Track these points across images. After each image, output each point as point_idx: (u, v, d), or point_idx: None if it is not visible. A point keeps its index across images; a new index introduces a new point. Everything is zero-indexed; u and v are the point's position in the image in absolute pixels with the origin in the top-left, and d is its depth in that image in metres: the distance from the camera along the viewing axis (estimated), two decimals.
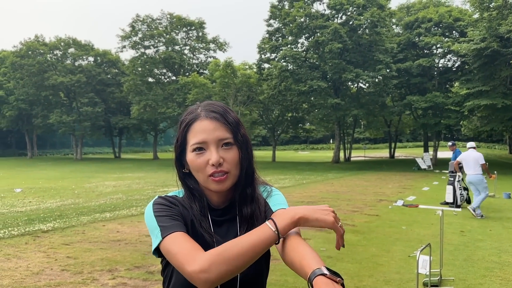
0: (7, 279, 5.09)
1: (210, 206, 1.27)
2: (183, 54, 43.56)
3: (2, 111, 46.68)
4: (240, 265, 1.02)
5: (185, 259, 1.03)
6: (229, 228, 1.26)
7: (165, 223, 1.14)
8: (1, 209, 10.99)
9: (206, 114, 1.20)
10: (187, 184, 1.27)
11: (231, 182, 1.20)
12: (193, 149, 1.19)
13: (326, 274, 0.90)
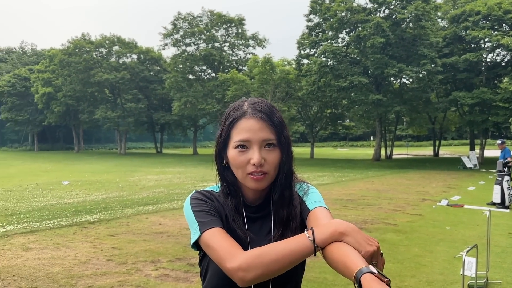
0: (57, 267, 5.36)
1: (245, 202, 1.29)
2: (222, 51, 43.98)
3: (51, 106, 48.85)
4: (275, 270, 1.05)
5: (225, 256, 1.08)
6: (263, 225, 1.27)
7: (203, 219, 1.19)
8: (51, 201, 11.56)
9: (253, 112, 1.21)
10: (225, 178, 1.29)
11: (267, 182, 1.22)
12: (236, 145, 1.20)
13: (374, 272, 0.90)
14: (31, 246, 6.41)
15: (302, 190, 1.31)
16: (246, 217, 1.27)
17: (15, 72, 55.87)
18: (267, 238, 1.24)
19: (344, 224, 1.06)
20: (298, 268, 1.26)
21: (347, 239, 1.02)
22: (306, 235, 1.06)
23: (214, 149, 1.31)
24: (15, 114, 54.31)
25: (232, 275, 1.07)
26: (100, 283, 4.75)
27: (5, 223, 8.26)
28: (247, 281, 1.05)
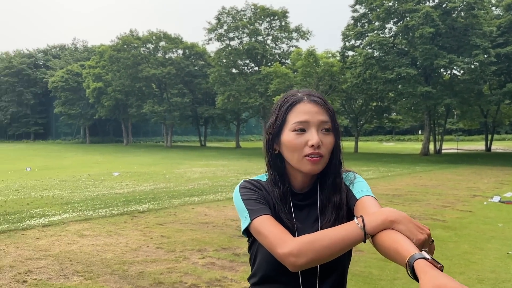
0: (110, 253, 5.65)
1: (292, 190, 1.32)
2: (265, 44, 43.99)
3: (102, 101, 50.90)
4: (326, 256, 1.08)
5: (276, 242, 1.12)
6: (310, 212, 1.30)
7: (252, 206, 1.23)
8: (102, 191, 12.11)
9: (309, 98, 1.25)
10: (274, 166, 1.31)
11: (322, 166, 1.24)
12: (294, 128, 1.23)
13: (428, 258, 0.91)
14: (85, 233, 6.78)
15: (349, 179, 1.32)
16: (293, 205, 1.30)
17: (68, 68, 58.64)
18: (314, 226, 1.27)
19: (395, 212, 1.07)
20: (345, 256, 1.28)
21: (398, 227, 1.04)
22: (356, 223, 1.08)
23: (264, 139, 1.34)
24: (68, 108, 57.10)
25: (283, 260, 1.11)
26: (150, 269, 4.96)
27: (61, 211, 8.77)
28: (298, 266, 1.09)
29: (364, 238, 1.07)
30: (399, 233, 1.03)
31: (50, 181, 15.15)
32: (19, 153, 38.65)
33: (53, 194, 11.48)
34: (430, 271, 0.87)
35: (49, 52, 77.50)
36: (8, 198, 10.65)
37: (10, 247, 5.88)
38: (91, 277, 4.69)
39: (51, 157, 33.08)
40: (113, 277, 4.68)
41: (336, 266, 1.27)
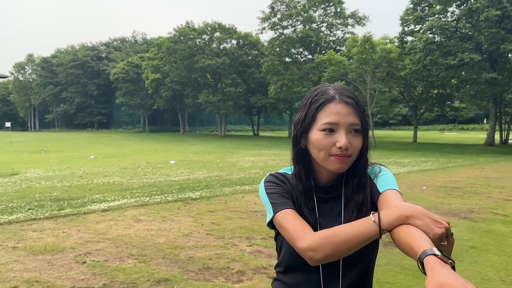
0: (163, 238, 5.88)
1: (317, 184, 1.32)
2: (320, 31, 43.26)
3: (160, 92, 52.70)
4: (343, 251, 1.10)
5: (296, 236, 1.15)
6: (334, 206, 1.30)
7: (276, 200, 1.26)
8: (159, 178, 12.59)
9: (342, 98, 1.23)
10: (300, 161, 1.32)
11: (348, 165, 1.24)
12: (323, 128, 1.22)
13: (438, 254, 0.88)
14: (141, 218, 7.10)
15: (374, 172, 1.31)
16: (317, 198, 1.31)
17: (128, 60, 61.23)
18: (338, 220, 1.27)
19: (411, 207, 1.05)
20: (370, 249, 1.27)
21: (415, 222, 1.02)
22: (372, 219, 1.08)
23: (293, 132, 1.34)
24: (129, 98, 59.73)
25: (303, 254, 1.14)
26: (200, 254, 5.10)
27: (120, 197, 9.23)
28: (316, 260, 1.12)
29: (380, 233, 1.07)
30: (415, 228, 1.01)
31: (112, 168, 15.96)
32: (84, 141, 41.08)
33: (113, 180, 12.09)
34: (437, 268, 0.85)
35: (111, 45, 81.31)
36: (73, 184, 11.36)
37: (72, 230, 6.29)
38: (144, 260, 4.91)
39: (113, 145, 34.84)
40: (164, 261, 4.87)
41: (359, 259, 1.27)
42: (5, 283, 4.13)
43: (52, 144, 36.59)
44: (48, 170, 15.30)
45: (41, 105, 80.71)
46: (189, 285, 4.15)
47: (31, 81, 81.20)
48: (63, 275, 4.39)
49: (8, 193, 9.76)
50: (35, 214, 7.33)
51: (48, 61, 79.24)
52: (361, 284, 1.29)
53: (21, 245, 5.43)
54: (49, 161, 20.00)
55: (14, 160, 20.29)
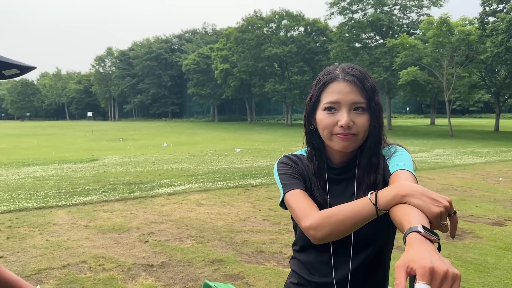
0: (221, 221, 6.07)
1: (329, 165, 1.32)
2: (392, 14, 41.33)
3: (228, 81, 53.76)
4: (342, 230, 1.09)
5: (301, 215, 1.17)
6: (347, 187, 1.29)
7: (286, 181, 1.28)
8: (224, 165, 12.94)
9: (344, 76, 1.22)
10: (311, 141, 1.33)
11: (355, 144, 1.22)
12: (325, 107, 1.23)
13: (421, 231, 0.84)
14: (203, 203, 7.38)
15: (388, 153, 1.27)
16: (330, 179, 1.31)
17: (199, 51, 63.02)
18: (350, 200, 1.25)
19: (408, 186, 1.01)
20: (382, 230, 1.25)
21: (412, 201, 0.98)
22: (368, 199, 1.06)
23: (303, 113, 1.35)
24: (199, 89, 61.64)
25: (306, 233, 1.16)
26: (254, 238, 5.21)
27: (185, 182, 9.65)
28: (318, 239, 1.13)
29: (376, 213, 1.05)
30: (411, 207, 0.97)
31: (181, 155, 16.68)
32: (158, 130, 43.23)
33: (181, 167, 12.65)
34: (415, 244, 0.81)
35: (183, 37, 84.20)
36: (145, 170, 12.06)
37: (140, 212, 6.71)
38: (202, 241, 5.12)
39: (185, 134, 36.29)
40: (220, 243, 5.04)
41: (371, 240, 1.25)
42: (75, 258, 4.54)
43: (129, 132, 38.98)
44: (124, 156, 16.37)
45: (120, 95, 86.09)
46: (241, 267, 4.27)
47: (110, 73, 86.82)
48: (127, 253, 4.71)
49: (86, 177, 10.61)
50: (108, 196, 7.91)
51: (125, 54, 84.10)
52: (373, 265, 1.28)
53: (92, 224, 5.91)
54: (126, 148, 21.37)
55: (94, 147, 21.96)
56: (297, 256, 1.39)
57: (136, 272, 4.13)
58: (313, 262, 1.32)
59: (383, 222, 1.13)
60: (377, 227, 1.19)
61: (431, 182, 9.51)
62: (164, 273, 4.12)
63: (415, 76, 31.70)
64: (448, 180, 9.79)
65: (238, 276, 4.04)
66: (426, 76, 32.72)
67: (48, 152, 19.02)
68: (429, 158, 14.59)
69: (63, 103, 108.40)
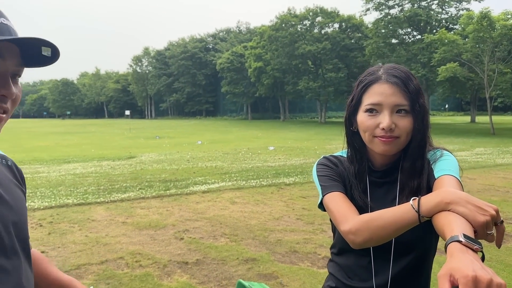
0: (255, 220, 6.08)
1: (371, 167, 1.28)
2: (430, 9, 40.10)
3: (261, 80, 53.81)
4: (382, 236, 1.06)
5: (340, 218, 1.15)
6: (389, 191, 1.25)
7: (325, 183, 1.26)
8: (257, 163, 12.97)
9: (387, 77, 1.18)
10: (352, 143, 1.30)
11: (397, 148, 1.19)
12: (366, 109, 1.20)
13: (462, 240, 0.81)
14: (236, 201, 7.42)
15: (434, 158, 1.23)
16: (371, 182, 1.28)
17: (233, 50, 63.41)
18: (391, 205, 1.21)
19: (453, 193, 0.97)
20: (425, 236, 1.20)
21: (456, 209, 0.93)
22: (411, 205, 1.02)
23: (345, 114, 1.32)
24: (233, 87, 62.01)
25: (345, 237, 1.13)
26: (288, 238, 5.19)
27: (219, 180, 9.74)
28: (357, 244, 1.10)
29: (419, 220, 1.01)
30: (455, 215, 0.93)
31: (215, 153, 16.85)
32: (192, 128, 43.85)
33: (215, 165, 12.77)
34: (456, 253, 0.77)
35: (217, 36, 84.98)
36: (180, 167, 12.25)
37: (175, 209, 6.83)
38: (236, 239, 5.15)
39: (218, 132, 36.64)
40: (254, 242, 5.05)
41: (413, 246, 1.21)
42: (112, 253, 4.67)
43: (165, 130, 39.74)
44: (160, 154, 16.71)
45: (156, 94, 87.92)
46: (274, 266, 4.26)
47: (147, 73, 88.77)
48: (163, 249, 4.80)
49: (124, 174, 10.90)
50: (144, 193, 8.10)
51: (161, 53, 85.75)
52: (415, 272, 1.23)
53: (130, 221, 6.06)
54: (162, 146, 21.80)
55: (132, 145, 22.53)
56: (335, 259, 1.37)
57: (172, 269, 4.20)
58: (352, 266, 1.29)
59: (425, 228, 1.09)
60: (420, 233, 1.15)
61: (472, 182, 9.17)
62: (198, 270, 4.17)
63: (455, 73, 30.68)
64: (490, 181, 9.41)
65: (272, 276, 4.03)
66: (466, 72, 31.60)
67: (87, 150, 19.69)
68: (469, 157, 14.08)
69: (102, 102, 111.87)
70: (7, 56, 0.86)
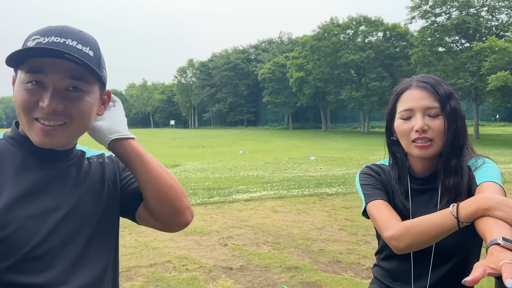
0: (297, 229, 6.13)
1: (412, 174, 1.34)
2: (479, 16, 38.67)
3: (303, 89, 53.75)
4: (423, 241, 1.11)
5: (383, 225, 1.20)
6: (431, 198, 1.30)
7: (368, 191, 1.32)
8: (298, 173, 12.98)
9: (417, 83, 1.27)
10: (392, 151, 1.37)
11: (433, 151, 1.24)
12: (400, 115, 1.28)
13: (500, 243, 0.85)
14: (278, 209, 7.49)
15: (475, 165, 1.26)
16: (413, 189, 1.33)
17: (274, 60, 63.85)
18: (433, 211, 1.25)
19: (490, 199, 1.01)
20: (468, 241, 1.24)
21: (495, 214, 0.98)
22: (450, 211, 1.07)
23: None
24: (274, 97, 62.34)
25: (388, 243, 1.19)
26: (331, 248, 5.19)
27: (261, 189, 9.84)
28: (399, 249, 1.16)
29: (458, 226, 1.05)
30: (495, 220, 0.97)
31: (256, 162, 17.01)
32: (234, 137, 44.41)
33: (257, 174, 12.91)
34: (496, 253, 0.82)
35: (259, 47, 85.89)
36: (223, 176, 12.49)
37: (219, 216, 6.99)
38: (278, 247, 5.21)
39: (259, 141, 36.89)
40: (296, 250, 5.10)
41: (454, 252, 1.25)
42: (161, 257, 4.86)
43: (207, 140, 40.51)
44: (203, 163, 17.08)
45: (199, 105, 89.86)
46: (317, 275, 4.28)
47: (191, 84, 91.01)
48: (208, 255, 4.95)
49: None
50: (190, 200, 8.31)
51: (205, 65, 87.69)
52: (455, 278, 1.25)
53: None
54: (204, 155, 22.27)
55: (176, 154, 23.16)
56: (380, 264, 1.43)
57: (217, 274, 4.33)
58: (395, 270, 1.35)
59: (468, 232, 1.13)
60: (461, 237, 1.19)
61: None
62: (243, 276, 4.27)
63: (506, 81, 29.34)
64: None
65: (315, 284, 4.06)
66: None
67: None
68: None
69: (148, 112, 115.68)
70: (49, 72, 0.94)
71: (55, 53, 0.91)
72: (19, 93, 0.95)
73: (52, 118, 0.95)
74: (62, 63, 0.93)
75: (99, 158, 1.17)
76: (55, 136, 0.97)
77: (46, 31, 0.96)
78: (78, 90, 0.98)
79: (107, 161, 1.18)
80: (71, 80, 0.96)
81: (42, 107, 0.93)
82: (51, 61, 0.93)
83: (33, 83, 0.95)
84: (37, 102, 0.94)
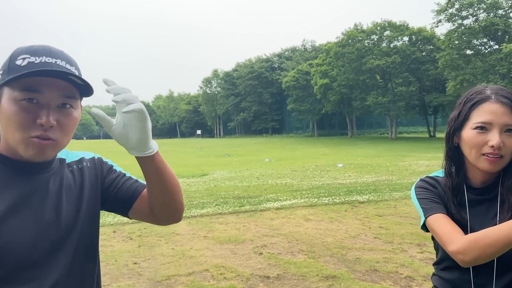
0: (331, 237, 6.10)
1: (468, 184, 1.33)
2: (508, 18, 37.72)
3: (328, 96, 53.47)
4: (491, 253, 1.11)
5: (446, 240, 1.21)
6: (489, 208, 1.29)
7: (426, 205, 1.32)
8: (327, 181, 12.91)
9: (497, 97, 1.25)
10: (452, 158, 1.36)
11: (501, 166, 1.24)
12: (476, 126, 1.26)
13: None
14: (310, 218, 7.48)
15: None
16: (470, 199, 1.32)
17: (298, 68, 63.84)
18: (492, 222, 1.27)
19: None
20: None
21: None
22: None
23: (446, 129, 1.39)
24: (299, 104, 62.24)
25: (453, 257, 1.19)
26: (367, 256, 5.16)
27: (291, 197, 9.85)
28: (466, 263, 1.16)
29: None
30: None
31: (283, 170, 17.00)
32: (259, 146, 44.51)
33: (285, 182, 12.91)
34: None
35: (283, 55, 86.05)
36: (251, 184, 12.55)
37: (251, 224, 7.04)
38: (313, 256, 5.21)
39: (285, 149, 36.85)
40: (332, 259, 5.09)
41: None
42: (198, 266, 4.94)
43: (233, 148, 40.75)
44: (231, 171, 17.20)
45: (224, 114, 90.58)
46: (355, 284, 4.26)
47: (216, 94, 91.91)
48: (244, 263, 5.00)
49: (199, 191, 11.39)
50: (221, 209, 8.42)
51: (229, 74, 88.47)
52: None
53: (210, 235, 6.35)
54: (231, 163, 22.41)
55: (204, 163, 23.40)
56: (439, 274, 1.43)
57: (254, 283, 4.37)
58: (456, 281, 1.35)
59: None
60: None
61: None
62: (280, 285, 4.30)
63: None
64: None
65: None
66: None
67: None
68: None
69: (175, 122, 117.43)
70: (45, 90, 0.98)
71: (61, 75, 0.97)
72: (13, 111, 0.97)
73: (48, 134, 0.99)
74: (57, 82, 0.98)
75: (79, 163, 1.20)
76: (47, 151, 1.01)
77: (34, 51, 0.99)
78: (67, 106, 1.03)
79: (88, 165, 1.21)
80: (65, 98, 1.01)
81: (41, 123, 0.97)
82: (48, 80, 0.97)
83: (26, 101, 0.97)
84: (33, 119, 0.97)
